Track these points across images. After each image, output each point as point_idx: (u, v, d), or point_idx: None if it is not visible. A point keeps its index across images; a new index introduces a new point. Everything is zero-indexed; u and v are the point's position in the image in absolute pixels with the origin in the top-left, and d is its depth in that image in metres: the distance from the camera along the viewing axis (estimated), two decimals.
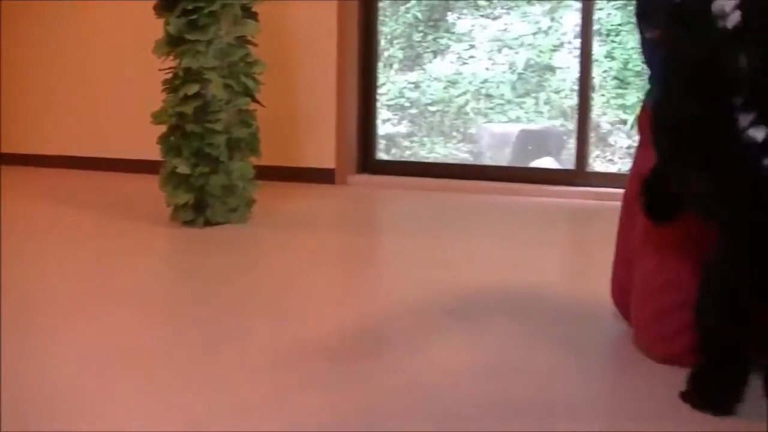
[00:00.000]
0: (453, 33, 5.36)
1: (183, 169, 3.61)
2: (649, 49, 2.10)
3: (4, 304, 2.38)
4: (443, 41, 5.39)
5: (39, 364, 1.91)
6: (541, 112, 5.17)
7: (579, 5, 4.90)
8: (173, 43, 3.63)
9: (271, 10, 4.36)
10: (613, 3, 4.89)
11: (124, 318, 2.33)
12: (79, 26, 5.76)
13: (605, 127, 4.99)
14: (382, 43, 5.44)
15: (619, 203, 2.25)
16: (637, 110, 2.27)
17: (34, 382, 1.78)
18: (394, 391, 1.76)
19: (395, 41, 5.46)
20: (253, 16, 3.77)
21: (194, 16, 3.57)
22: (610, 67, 4.94)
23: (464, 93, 5.36)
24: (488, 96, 5.30)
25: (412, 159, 5.48)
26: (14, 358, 1.92)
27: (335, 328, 2.27)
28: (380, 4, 5.38)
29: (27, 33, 5.97)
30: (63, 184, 5.11)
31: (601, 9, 4.89)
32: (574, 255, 3.56)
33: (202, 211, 3.67)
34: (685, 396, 1.68)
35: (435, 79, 5.42)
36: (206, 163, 3.62)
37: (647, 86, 2.18)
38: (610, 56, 4.93)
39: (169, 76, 3.69)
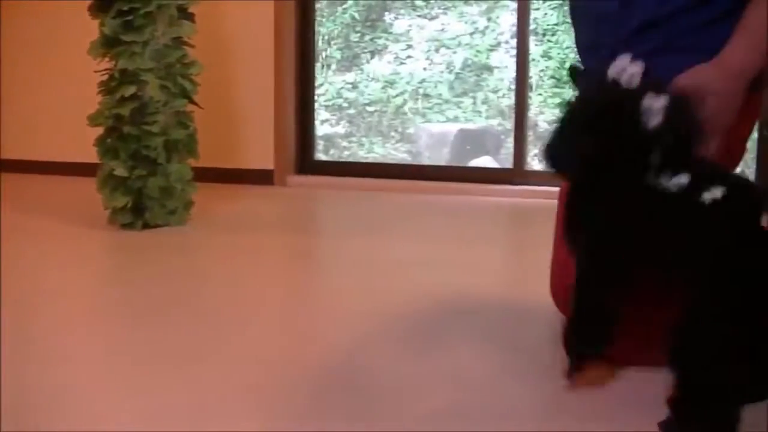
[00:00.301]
0: (390, 33, 5.37)
1: (120, 171, 3.57)
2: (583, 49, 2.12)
3: None
4: (381, 41, 5.39)
5: None
6: (479, 112, 5.19)
7: (515, 5, 4.93)
8: (109, 45, 3.59)
9: (208, 11, 4.34)
10: (549, 3, 4.93)
11: (64, 323, 2.30)
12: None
13: (543, 126, 5.02)
14: (320, 43, 5.43)
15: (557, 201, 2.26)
16: None
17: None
18: (335, 395, 1.76)
19: (333, 42, 5.46)
20: (190, 17, 3.75)
21: (130, 17, 3.53)
22: (547, 66, 4.98)
23: (402, 93, 5.38)
24: (426, 96, 5.32)
25: (351, 159, 5.48)
26: None
27: (275, 333, 2.26)
28: (317, 5, 5.37)
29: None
30: (13, 189, 5.04)
31: (537, 9, 4.93)
32: (515, 254, 3.58)
33: (141, 213, 3.64)
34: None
35: (373, 79, 5.42)
36: (144, 165, 3.59)
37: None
38: (546, 55, 4.97)
39: (105, 77, 3.66)
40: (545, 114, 5.02)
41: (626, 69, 1.55)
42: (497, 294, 2.64)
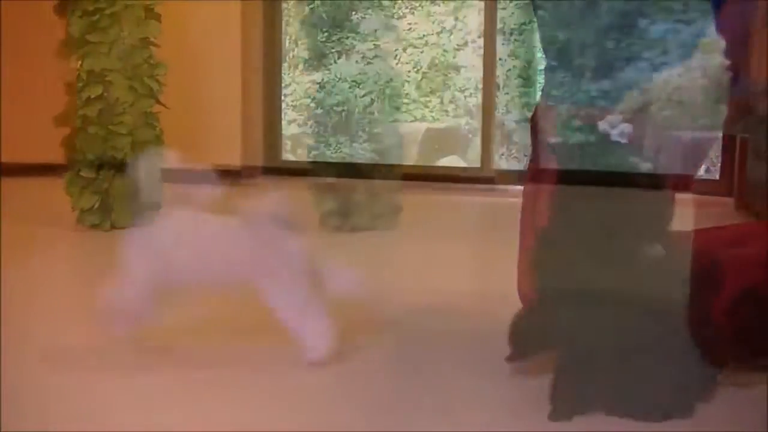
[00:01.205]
0: (357, 33, 5.36)
1: (87, 172, 3.55)
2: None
3: None
4: (348, 41, 5.38)
5: None
6: (447, 111, 5.20)
7: (482, 5, 4.94)
8: (75, 45, 3.57)
9: (175, 11, 4.31)
10: (516, 3, 4.94)
11: (38, 325, 2.29)
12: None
13: (510, 125, 5.04)
14: (287, 43, 5.42)
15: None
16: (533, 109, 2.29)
17: None
18: (310, 394, 1.76)
19: (299, 42, 5.45)
20: (156, 17, 3.73)
21: (96, 17, 3.51)
22: (514, 66, 5.00)
23: (369, 93, 5.36)
24: (393, 95, 5.31)
25: (318, 159, 5.47)
26: None
27: (244, 332, 2.26)
28: (284, 5, 5.36)
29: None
30: None
31: (504, 9, 4.95)
32: (481, 251, 3.59)
33: (109, 214, 3.61)
34: None
35: (340, 79, 5.41)
36: (111, 165, 3.57)
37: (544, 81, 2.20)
38: (513, 55, 4.99)
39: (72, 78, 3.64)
40: (512, 113, 5.04)
41: (617, 125, 1.72)
42: (463, 290, 2.65)
